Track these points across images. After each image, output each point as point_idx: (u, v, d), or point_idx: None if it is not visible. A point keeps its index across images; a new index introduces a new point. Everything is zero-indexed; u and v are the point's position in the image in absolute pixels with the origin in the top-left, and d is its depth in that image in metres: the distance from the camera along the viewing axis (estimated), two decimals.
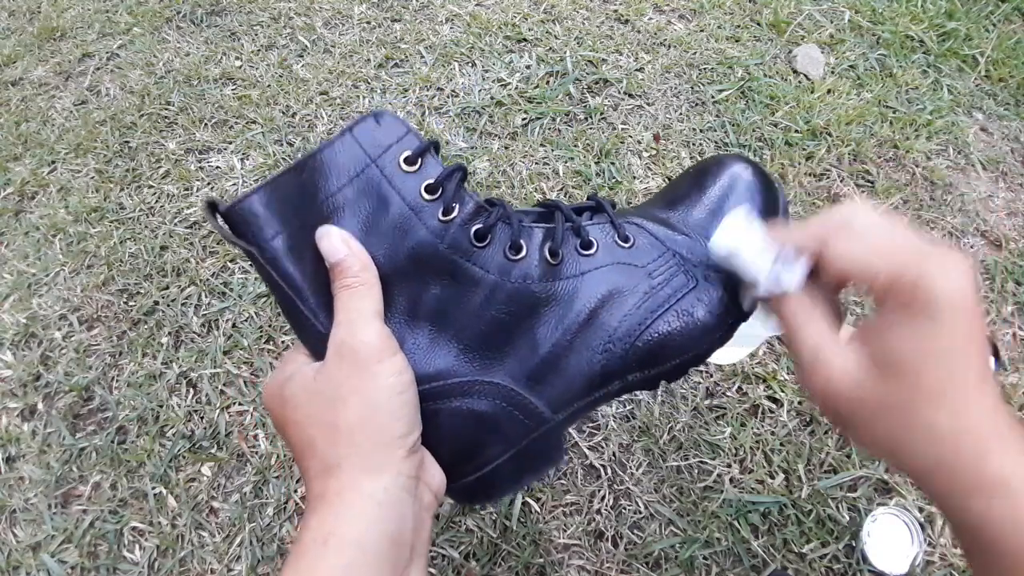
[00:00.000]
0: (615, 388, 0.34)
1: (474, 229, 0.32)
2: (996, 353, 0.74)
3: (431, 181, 0.32)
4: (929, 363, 0.25)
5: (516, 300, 0.32)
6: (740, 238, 0.31)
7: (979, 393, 0.25)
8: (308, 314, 0.31)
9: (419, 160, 0.32)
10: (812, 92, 1.09)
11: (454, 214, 0.32)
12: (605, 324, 0.33)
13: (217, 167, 1.04)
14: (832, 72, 1.14)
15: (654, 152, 1.02)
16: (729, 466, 0.73)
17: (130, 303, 0.89)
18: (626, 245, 0.35)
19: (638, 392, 0.77)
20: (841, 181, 0.97)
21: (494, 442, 0.33)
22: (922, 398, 0.25)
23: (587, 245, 0.34)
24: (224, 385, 0.81)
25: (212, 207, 0.30)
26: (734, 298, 0.34)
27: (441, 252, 0.32)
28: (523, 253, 0.33)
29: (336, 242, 0.30)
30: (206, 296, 0.89)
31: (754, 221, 0.32)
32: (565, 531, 0.69)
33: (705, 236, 0.35)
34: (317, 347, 0.31)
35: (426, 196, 0.32)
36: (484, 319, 0.32)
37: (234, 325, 0.86)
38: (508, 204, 0.34)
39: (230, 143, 1.07)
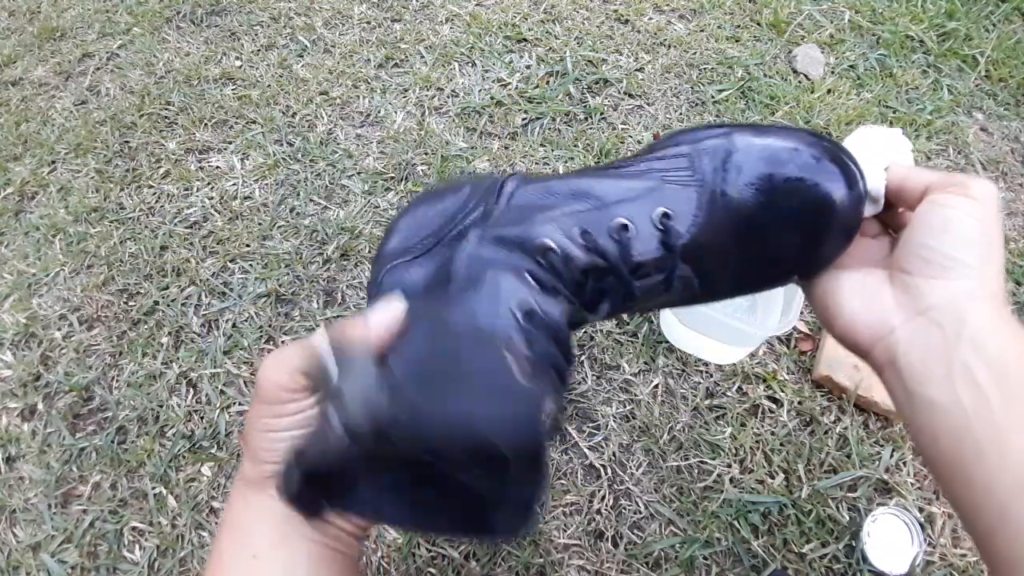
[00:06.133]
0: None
1: None
2: None
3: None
4: (967, 222, 0.32)
5: None
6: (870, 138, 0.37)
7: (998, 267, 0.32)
8: None
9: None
10: (812, 92, 1.09)
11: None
12: None
13: (217, 167, 1.04)
14: (832, 72, 1.14)
15: None
16: (729, 466, 0.73)
17: (130, 303, 0.89)
18: None
19: (638, 392, 0.77)
20: None
21: None
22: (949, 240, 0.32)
23: None
24: (224, 385, 0.81)
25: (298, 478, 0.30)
26: None
27: None
28: None
29: None
30: (206, 296, 0.89)
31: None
32: (565, 531, 0.69)
33: None
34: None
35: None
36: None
37: (234, 325, 0.86)
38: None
39: (230, 143, 1.07)
